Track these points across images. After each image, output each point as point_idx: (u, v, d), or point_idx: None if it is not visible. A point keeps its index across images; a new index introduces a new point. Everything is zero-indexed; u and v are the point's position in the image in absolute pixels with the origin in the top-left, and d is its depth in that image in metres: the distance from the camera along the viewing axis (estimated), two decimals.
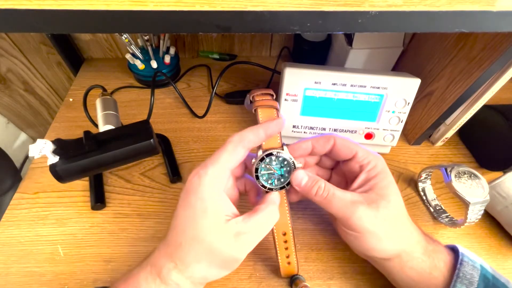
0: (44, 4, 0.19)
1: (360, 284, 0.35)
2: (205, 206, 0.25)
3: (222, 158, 0.26)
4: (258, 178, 0.29)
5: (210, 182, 0.26)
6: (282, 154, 0.29)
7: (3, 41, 0.56)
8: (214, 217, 0.25)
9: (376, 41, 0.48)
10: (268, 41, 0.62)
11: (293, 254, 0.32)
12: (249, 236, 0.26)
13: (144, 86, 0.57)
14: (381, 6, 0.21)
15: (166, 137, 0.48)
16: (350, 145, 0.30)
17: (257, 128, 0.28)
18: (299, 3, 0.21)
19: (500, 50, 0.33)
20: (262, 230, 0.27)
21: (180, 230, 0.26)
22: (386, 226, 0.28)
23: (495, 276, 0.28)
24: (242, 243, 0.26)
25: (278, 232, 0.31)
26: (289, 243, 0.31)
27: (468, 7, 0.22)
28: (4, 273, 0.35)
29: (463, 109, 0.44)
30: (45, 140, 0.30)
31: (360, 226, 0.27)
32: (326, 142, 0.31)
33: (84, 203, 0.40)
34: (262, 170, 0.29)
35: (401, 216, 0.29)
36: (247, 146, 0.27)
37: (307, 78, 0.40)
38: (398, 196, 0.29)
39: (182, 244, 0.25)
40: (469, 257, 0.29)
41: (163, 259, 0.26)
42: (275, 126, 0.28)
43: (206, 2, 0.20)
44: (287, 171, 0.29)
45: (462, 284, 0.27)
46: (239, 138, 0.27)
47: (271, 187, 0.30)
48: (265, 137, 0.28)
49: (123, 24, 0.21)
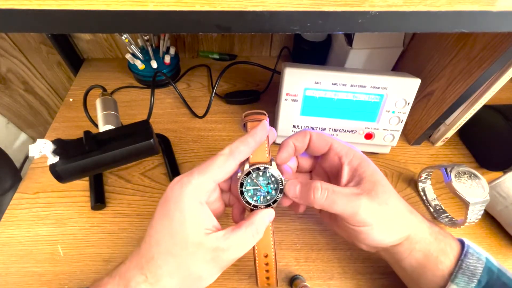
0: (44, 4, 0.19)
1: (360, 284, 0.35)
2: (183, 217, 0.24)
3: (210, 170, 0.25)
4: (243, 194, 0.27)
5: (192, 192, 0.24)
6: (269, 170, 0.27)
7: (3, 41, 0.56)
8: (193, 230, 0.24)
9: (376, 41, 0.48)
10: (268, 41, 0.62)
11: (273, 276, 0.29)
12: (227, 253, 0.24)
13: (144, 86, 0.57)
14: (381, 6, 0.21)
15: (166, 137, 0.48)
16: (325, 137, 0.30)
17: (245, 138, 0.27)
18: (299, 3, 0.21)
19: (500, 50, 0.33)
20: (242, 249, 0.25)
21: (154, 241, 0.24)
22: (391, 212, 0.27)
23: (501, 269, 0.28)
24: (219, 260, 0.24)
25: (259, 254, 0.28)
26: (270, 266, 0.29)
27: (468, 7, 0.22)
28: (4, 273, 0.35)
29: (463, 109, 0.44)
30: (45, 140, 0.30)
31: (368, 219, 0.26)
32: (304, 137, 0.31)
33: (84, 203, 0.40)
34: (247, 185, 0.27)
35: (397, 199, 0.29)
36: (238, 158, 0.26)
37: (307, 78, 0.40)
38: (387, 180, 0.29)
39: (154, 257, 0.24)
40: (474, 249, 0.28)
41: (133, 271, 0.24)
42: (261, 131, 0.27)
43: (206, 2, 0.20)
44: (274, 188, 0.28)
45: (464, 275, 0.26)
46: (229, 151, 0.26)
47: (256, 204, 0.27)
48: (255, 144, 0.27)
49: (123, 24, 0.21)
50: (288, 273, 0.35)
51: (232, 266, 0.35)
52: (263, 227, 0.27)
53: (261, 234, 0.27)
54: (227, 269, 0.35)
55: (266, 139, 0.28)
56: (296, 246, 0.38)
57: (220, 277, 0.35)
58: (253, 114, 0.29)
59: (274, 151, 0.28)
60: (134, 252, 0.26)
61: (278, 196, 0.28)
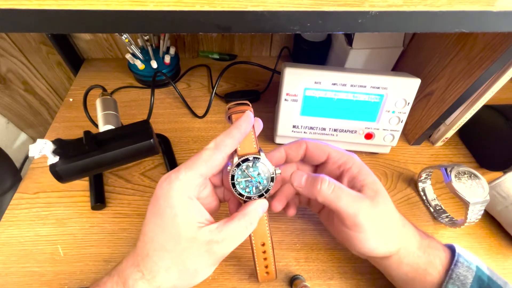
0: (44, 4, 0.19)
1: (360, 284, 0.35)
2: (174, 213, 0.24)
3: (196, 164, 0.25)
4: (235, 186, 0.27)
5: (180, 187, 0.25)
6: (259, 159, 0.27)
7: (3, 41, 0.56)
8: (184, 224, 0.24)
9: (376, 41, 0.48)
10: (268, 41, 0.62)
11: (271, 264, 0.30)
12: (221, 245, 0.25)
13: (144, 86, 0.57)
14: (381, 6, 0.21)
15: (166, 137, 0.48)
16: (322, 147, 0.30)
17: (230, 130, 0.26)
18: (299, 3, 0.21)
19: (500, 50, 0.33)
20: (236, 240, 0.25)
21: (148, 239, 0.25)
22: (387, 223, 0.28)
23: (491, 278, 0.28)
24: (214, 252, 0.25)
25: (256, 243, 0.29)
26: (267, 254, 0.29)
27: (468, 7, 0.22)
28: (4, 273, 0.35)
29: (463, 109, 0.44)
30: (45, 140, 0.30)
31: (365, 224, 0.27)
32: (298, 147, 0.31)
33: (84, 203, 0.40)
34: (238, 177, 0.27)
35: (394, 211, 0.29)
36: (224, 151, 0.26)
37: (307, 78, 0.40)
38: (386, 191, 0.29)
39: (149, 254, 0.24)
40: (465, 257, 0.28)
41: (130, 269, 0.25)
42: (245, 122, 0.27)
43: (206, 2, 0.20)
44: (266, 177, 0.28)
45: (454, 286, 0.27)
46: (214, 144, 0.26)
47: (249, 195, 0.28)
48: (240, 136, 0.27)
49: (123, 24, 0.21)
50: (288, 273, 0.35)
51: (232, 266, 0.36)
52: (256, 217, 0.27)
53: (254, 224, 0.27)
54: (227, 269, 0.35)
55: (252, 130, 0.28)
56: (296, 246, 0.38)
57: (220, 277, 0.35)
58: (237, 105, 0.28)
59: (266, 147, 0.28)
60: (131, 252, 0.26)
61: (270, 185, 0.28)
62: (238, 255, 0.36)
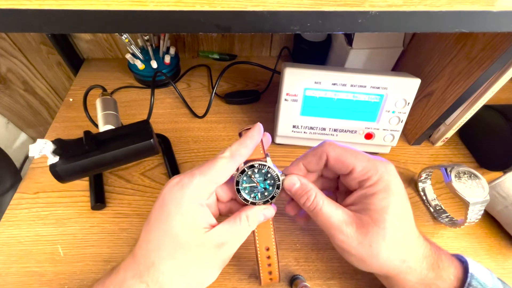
0: (44, 4, 0.19)
1: (360, 284, 0.35)
2: (185, 220, 0.23)
3: (212, 172, 0.25)
4: (240, 192, 0.27)
5: (193, 193, 0.24)
6: (265, 165, 0.27)
7: (3, 41, 0.56)
8: (194, 231, 0.24)
9: (376, 41, 0.48)
10: (268, 41, 0.62)
11: (275, 269, 0.30)
12: (227, 246, 0.25)
13: (144, 86, 0.57)
14: (381, 6, 0.21)
15: (166, 137, 0.48)
16: (346, 160, 0.27)
17: (244, 140, 0.26)
18: (299, 3, 0.21)
19: (500, 50, 0.33)
20: (238, 238, 0.26)
21: (153, 246, 0.23)
22: (372, 251, 0.26)
23: None
24: (221, 255, 0.25)
25: (261, 247, 0.29)
26: (272, 259, 0.29)
27: (468, 7, 0.22)
28: (4, 273, 0.35)
29: (463, 109, 0.44)
30: (45, 140, 0.30)
31: (341, 247, 0.26)
32: (319, 160, 0.28)
33: (84, 203, 0.40)
34: (244, 183, 0.27)
35: (398, 238, 0.26)
36: (238, 161, 0.26)
37: (307, 78, 0.40)
38: (397, 217, 0.26)
39: (155, 263, 0.23)
40: (478, 279, 0.26)
41: (131, 281, 0.23)
42: (257, 133, 0.27)
43: (206, 2, 0.20)
44: (271, 184, 0.27)
45: None
46: (230, 153, 0.25)
47: (254, 201, 0.27)
48: (253, 146, 0.27)
49: (123, 24, 0.21)
50: (288, 273, 0.36)
51: (232, 266, 0.36)
52: (253, 217, 0.27)
53: (252, 222, 0.27)
54: (227, 269, 0.35)
55: None
56: (296, 246, 0.38)
57: (220, 277, 0.35)
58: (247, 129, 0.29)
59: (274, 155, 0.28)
60: (127, 260, 0.24)
61: (275, 192, 0.28)
62: (238, 255, 0.36)
